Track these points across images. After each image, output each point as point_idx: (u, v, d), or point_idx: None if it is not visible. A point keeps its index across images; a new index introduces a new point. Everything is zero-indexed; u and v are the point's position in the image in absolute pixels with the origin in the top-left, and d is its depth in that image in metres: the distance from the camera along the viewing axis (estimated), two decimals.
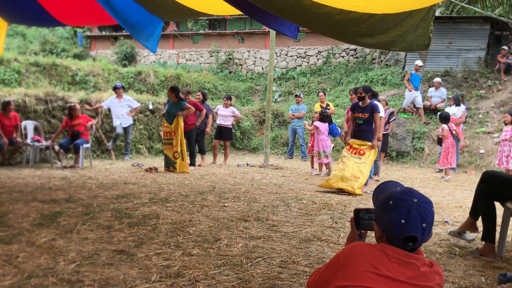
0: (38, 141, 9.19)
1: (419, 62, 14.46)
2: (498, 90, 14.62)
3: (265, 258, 3.45)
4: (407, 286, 1.55)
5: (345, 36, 5.13)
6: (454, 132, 9.76)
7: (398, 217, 1.61)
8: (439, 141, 9.97)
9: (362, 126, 7.38)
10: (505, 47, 15.34)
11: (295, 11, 4.21)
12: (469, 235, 4.19)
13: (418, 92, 13.77)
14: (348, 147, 7.45)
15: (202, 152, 10.47)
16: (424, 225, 1.61)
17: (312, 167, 9.81)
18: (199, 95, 10.30)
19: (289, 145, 13.46)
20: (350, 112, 7.89)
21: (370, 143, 7.25)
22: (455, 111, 10.75)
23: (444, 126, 9.66)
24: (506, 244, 3.91)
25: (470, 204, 4.14)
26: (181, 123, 8.77)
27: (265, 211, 5.26)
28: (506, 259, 3.77)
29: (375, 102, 8.21)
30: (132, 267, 3.12)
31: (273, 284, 2.91)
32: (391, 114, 10.96)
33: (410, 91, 13.88)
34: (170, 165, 8.79)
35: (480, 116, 13.61)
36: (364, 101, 7.42)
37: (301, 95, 13.11)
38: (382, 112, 8.32)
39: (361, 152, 7.26)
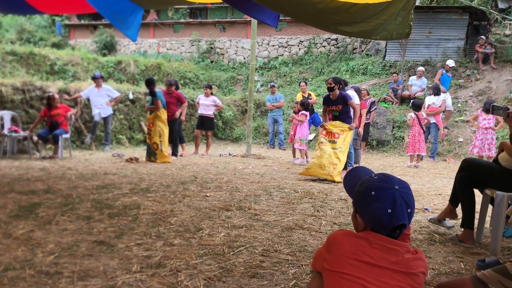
0: (16, 131, 9.01)
1: (450, 63, 14.21)
2: (476, 80, 14.83)
3: (247, 247, 3.44)
4: (388, 272, 1.53)
5: (326, 25, 5.12)
6: (426, 120, 9.95)
7: (383, 207, 1.57)
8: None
9: (340, 117, 7.44)
10: (483, 37, 15.55)
11: None
12: (449, 222, 4.25)
13: (448, 94, 12.42)
14: (324, 132, 7.41)
15: (182, 141, 10.40)
16: (409, 210, 1.59)
17: (294, 156, 9.86)
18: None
19: (270, 135, 13.52)
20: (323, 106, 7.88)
21: (347, 125, 7.28)
22: (435, 100, 10.87)
23: (412, 114, 9.81)
24: (484, 230, 3.97)
25: (449, 192, 4.19)
26: (162, 115, 8.78)
27: (247, 201, 5.25)
28: (485, 245, 3.83)
29: (349, 90, 8.29)
30: (113, 258, 3.08)
31: (255, 273, 2.90)
32: (372, 103, 11.05)
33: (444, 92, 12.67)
34: (151, 155, 8.80)
35: (459, 105, 13.80)
36: (334, 92, 7.40)
37: (275, 85, 13.20)
38: (357, 100, 8.38)
39: (336, 135, 7.23)
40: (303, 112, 9.45)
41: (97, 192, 5.43)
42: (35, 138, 9.14)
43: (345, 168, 7.98)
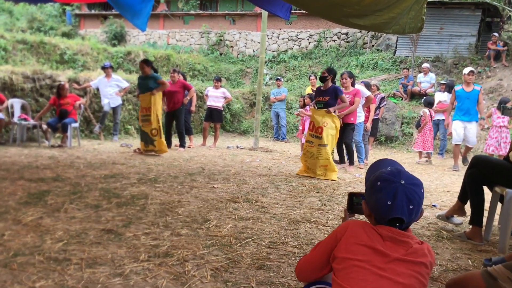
0: (25, 119, 9.06)
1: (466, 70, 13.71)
2: (487, 77, 14.69)
3: (254, 239, 3.45)
4: (400, 262, 1.58)
5: (337, 17, 5.08)
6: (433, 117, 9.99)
7: (384, 198, 1.62)
8: (418, 125, 10.15)
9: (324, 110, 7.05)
10: (496, 34, 15.38)
11: None
12: (457, 219, 4.23)
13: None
14: (310, 126, 7.10)
15: (189, 132, 10.39)
16: (410, 206, 1.61)
17: (301, 151, 9.80)
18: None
19: (274, 128, 13.62)
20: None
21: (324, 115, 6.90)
22: (446, 98, 10.78)
23: (425, 110, 9.77)
24: (492, 228, 3.95)
25: (458, 189, 4.17)
26: (158, 100, 8.33)
27: (255, 193, 5.26)
28: (492, 242, 3.81)
29: (358, 85, 8.22)
30: (120, 247, 3.10)
31: (262, 265, 2.90)
32: (382, 99, 10.98)
33: None
34: (149, 143, 8.24)
35: None
36: (326, 83, 7.21)
37: (282, 79, 13.22)
38: (367, 93, 8.32)
39: (319, 130, 6.88)
40: (311, 103, 9.40)
41: (105, 181, 5.45)
42: (44, 126, 9.18)
43: (351, 163, 7.98)
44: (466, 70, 8.57)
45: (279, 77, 13.17)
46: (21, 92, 9.92)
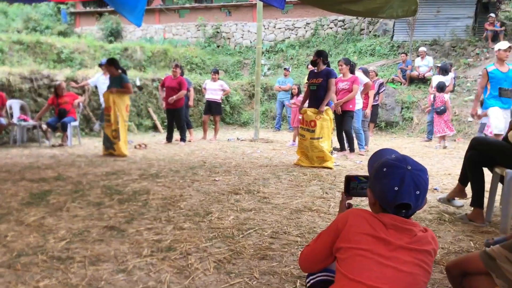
0: (25, 120, 9.07)
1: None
2: (485, 58, 14.63)
3: (256, 229, 3.46)
4: (403, 250, 1.57)
5: (330, 4, 5.05)
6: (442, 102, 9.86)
7: (391, 184, 1.60)
8: (443, 110, 9.84)
9: (317, 93, 6.93)
10: (493, 15, 15.29)
11: None
12: (458, 201, 4.23)
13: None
14: (301, 120, 7.04)
15: (189, 126, 10.41)
16: (417, 192, 1.60)
17: (294, 140, 9.64)
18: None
19: (277, 118, 13.63)
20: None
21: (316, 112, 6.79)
22: (443, 80, 10.74)
23: (431, 96, 9.73)
24: (494, 209, 3.95)
25: (459, 172, 4.17)
26: (120, 100, 7.61)
27: (256, 184, 5.27)
28: (494, 223, 3.81)
29: (357, 72, 8.19)
30: (123, 243, 3.11)
31: (265, 255, 2.92)
32: (381, 85, 10.95)
33: None
34: (109, 148, 7.60)
35: (468, 84, 13.64)
36: (318, 66, 7.06)
37: (289, 69, 13.16)
38: (365, 79, 8.30)
39: (312, 124, 6.77)
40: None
41: (107, 178, 5.47)
42: (44, 126, 9.19)
43: (352, 150, 7.98)
44: (503, 46, 6.73)
45: (287, 67, 13.15)
46: (19, 93, 9.92)
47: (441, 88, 9.83)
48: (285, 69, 13.07)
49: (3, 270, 2.61)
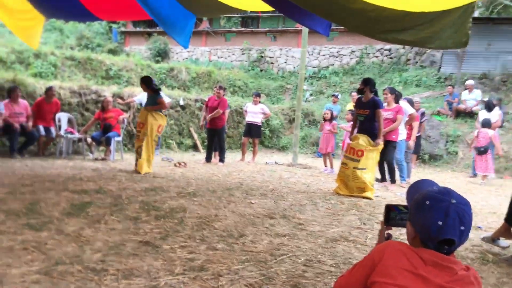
0: (71, 133, 9.38)
1: None
2: None
3: (290, 256, 3.40)
4: None
5: (376, 32, 5.00)
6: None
7: (435, 218, 1.53)
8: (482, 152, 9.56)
9: (365, 124, 6.85)
10: None
11: (326, 5, 4.14)
12: (504, 241, 4.04)
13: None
14: (347, 147, 6.93)
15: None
16: (462, 227, 1.52)
17: (326, 165, 9.88)
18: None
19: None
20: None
21: (368, 143, 6.66)
22: (488, 115, 10.40)
23: (487, 131, 9.45)
24: None
25: (505, 210, 3.99)
26: (153, 119, 7.59)
27: (292, 209, 5.21)
28: None
29: (401, 102, 8.05)
30: (157, 259, 3.12)
31: (297, 282, 2.86)
32: (422, 114, 10.71)
33: None
34: (136, 162, 7.60)
35: None
36: (365, 95, 6.91)
37: (339, 96, 13.07)
38: (410, 110, 8.15)
39: (359, 153, 6.58)
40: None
41: (145, 194, 5.55)
42: (89, 139, 9.48)
43: (393, 181, 7.80)
44: None
45: (336, 94, 13.09)
46: (68, 106, 10.29)
47: (485, 124, 9.54)
48: (333, 95, 12.98)
49: (40, 277, 2.67)
